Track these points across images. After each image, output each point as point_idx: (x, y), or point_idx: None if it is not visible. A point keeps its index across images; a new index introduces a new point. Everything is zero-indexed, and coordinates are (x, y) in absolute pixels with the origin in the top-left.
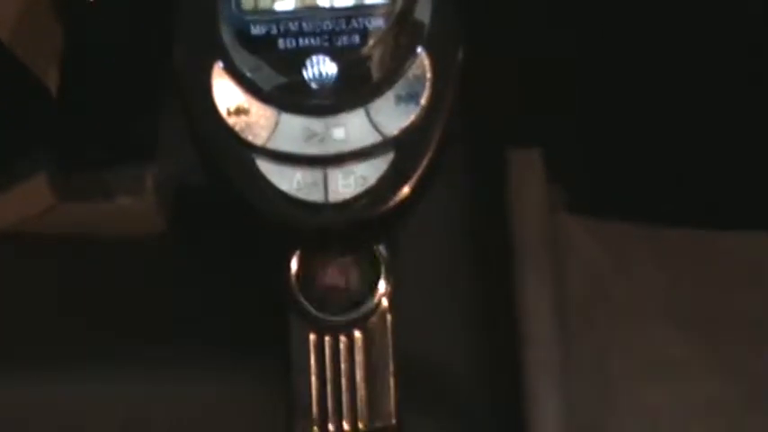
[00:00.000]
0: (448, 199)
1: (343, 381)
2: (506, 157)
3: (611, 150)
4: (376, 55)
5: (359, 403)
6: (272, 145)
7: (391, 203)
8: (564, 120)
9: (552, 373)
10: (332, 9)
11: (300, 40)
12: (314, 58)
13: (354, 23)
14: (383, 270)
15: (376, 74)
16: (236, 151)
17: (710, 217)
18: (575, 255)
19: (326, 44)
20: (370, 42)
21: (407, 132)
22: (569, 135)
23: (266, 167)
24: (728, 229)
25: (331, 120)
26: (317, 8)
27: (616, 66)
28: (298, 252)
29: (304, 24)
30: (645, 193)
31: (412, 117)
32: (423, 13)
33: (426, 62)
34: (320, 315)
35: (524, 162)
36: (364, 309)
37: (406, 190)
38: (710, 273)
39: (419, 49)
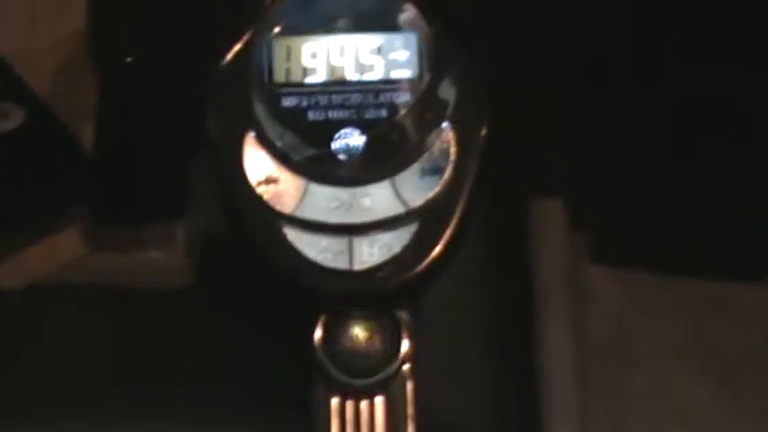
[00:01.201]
0: (471, 249)
1: None
2: (530, 206)
3: (634, 200)
4: (402, 128)
5: None
6: (299, 213)
7: (415, 272)
8: (587, 169)
9: (570, 420)
10: (360, 83)
11: (329, 113)
12: (342, 130)
13: (382, 97)
14: (405, 334)
15: (402, 147)
16: (264, 219)
17: (732, 268)
18: (597, 304)
19: (354, 117)
20: (397, 116)
21: (431, 204)
22: (592, 184)
23: (294, 235)
24: (750, 280)
25: (357, 190)
26: (345, 82)
27: (641, 116)
28: (323, 317)
29: (333, 97)
30: (667, 242)
31: (436, 189)
32: (448, 89)
33: (451, 137)
34: (343, 378)
35: (548, 211)
36: (386, 373)
37: (429, 259)
38: (731, 323)
39: (444, 124)
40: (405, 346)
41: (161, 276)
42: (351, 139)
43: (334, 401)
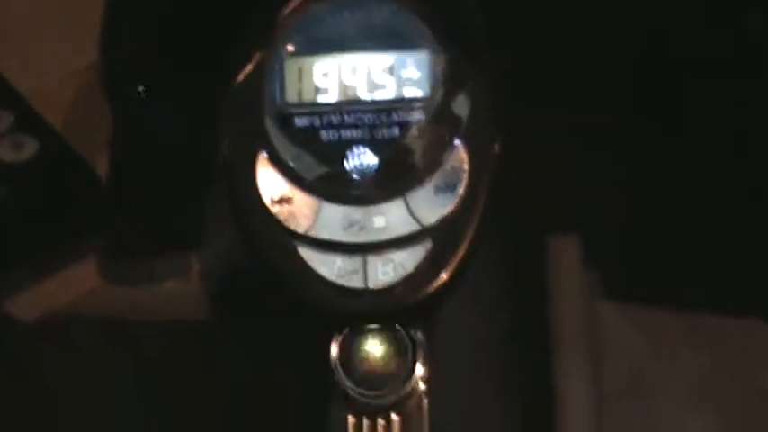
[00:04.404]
0: (486, 285)
1: None
2: (545, 242)
3: (649, 236)
4: (415, 147)
5: None
6: (313, 233)
7: (429, 290)
8: (602, 205)
9: None
10: (372, 102)
11: (342, 132)
12: (355, 149)
13: (394, 116)
14: (420, 354)
15: (415, 165)
16: (278, 239)
17: (748, 304)
18: (612, 341)
19: (367, 136)
20: (410, 135)
21: (445, 222)
22: (607, 221)
23: (308, 254)
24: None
25: (371, 209)
26: (358, 101)
27: (653, 151)
28: (339, 336)
29: (346, 117)
30: (682, 278)
31: (449, 207)
32: (461, 106)
33: (464, 154)
34: (359, 397)
35: (562, 248)
36: (402, 392)
37: (443, 277)
38: (747, 360)
39: (457, 142)
40: (420, 365)
41: (176, 308)
42: (364, 158)
43: (351, 421)
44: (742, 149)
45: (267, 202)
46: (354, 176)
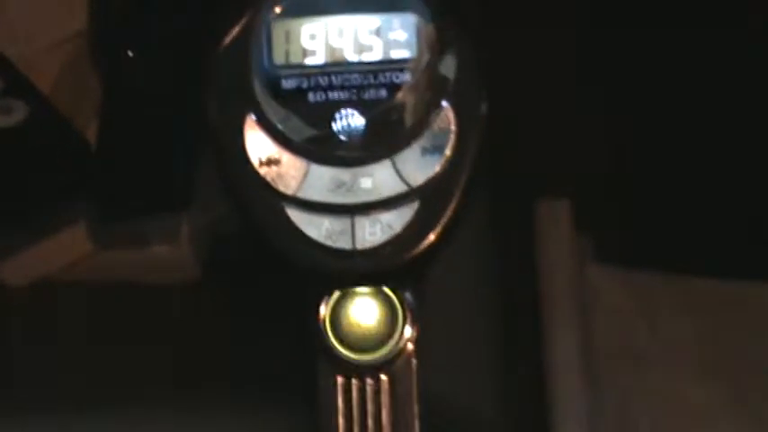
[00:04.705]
0: (477, 249)
1: (370, 422)
2: (535, 207)
3: (639, 200)
4: (402, 108)
5: None
6: (301, 194)
7: (416, 251)
8: (593, 170)
9: (578, 421)
10: (360, 63)
11: (329, 94)
12: (342, 110)
13: (381, 78)
14: (409, 315)
15: (402, 126)
16: (266, 200)
17: (738, 267)
18: (602, 304)
19: (355, 98)
20: (397, 96)
21: (432, 182)
22: (598, 185)
23: (296, 216)
24: (756, 279)
25: (358, 170)
26: (345, 63)
27: (644, 118)
28: (327, 297)
29: (333, 78)
30: (673, 242)
31: (437, 168)
32: (447, 67)
33: (451, 115)
34: (347, 357)
35: (553, 212)
36: (390, 352)
37: (430, 238)
38: (737, 322)
39: (444, 103)
40: (408, 325)
41: (166, 271)
42: (351, 119)
43: (340, 380)
44: (730, 112)
45: (255, 163)
46: (342, 138)
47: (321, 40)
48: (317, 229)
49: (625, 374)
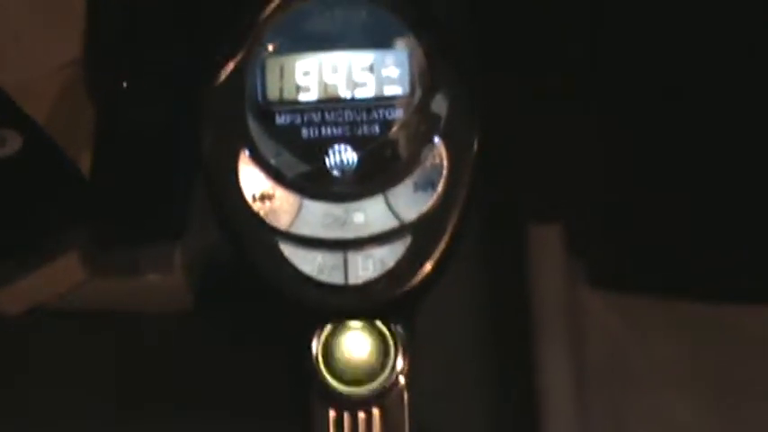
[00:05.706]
0: (468, 274)
1: None
2: (527, 232)
3: (631, 224)
4: (395, 144)
5: None
6: (294, 229)
7: (409, 286)
8: (584, 194)
9: None
10: (353, 100)
11: (323, 130)
12: (336, 146)
13: (374, 114)
14: (400, 348)
15: (395, 162)
16: (260, 235)
17: (728, 291)
18: (594, 329)
19: (348, 134)
20: (390, 132)
21: (424, 218)
22: (589, 209)
23: (289, 251)
24: (746, 303)
25: (351, 205)
26: (338, 99)
27: (638, 142)
28: (319, 331)
29: (326, 115)
30: (666, 266)
31: (429, 204)
32: (440, 104)
33: (443, 151)
34: (339, 390)
35: (545, 237)
36: (382, 385)
37: (423, 273)
38: (727, 345)
39: (436, 139)
40: (400, 358)
41: (160, 300)
42: (344, 155)
43: (332, 414)
44: (726, 140)
45: (248, 199)
46: (335, 173)
47: (315, 76)
48: (310, 264)
49: (618, 399)
